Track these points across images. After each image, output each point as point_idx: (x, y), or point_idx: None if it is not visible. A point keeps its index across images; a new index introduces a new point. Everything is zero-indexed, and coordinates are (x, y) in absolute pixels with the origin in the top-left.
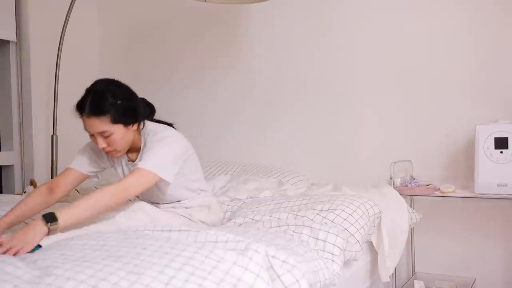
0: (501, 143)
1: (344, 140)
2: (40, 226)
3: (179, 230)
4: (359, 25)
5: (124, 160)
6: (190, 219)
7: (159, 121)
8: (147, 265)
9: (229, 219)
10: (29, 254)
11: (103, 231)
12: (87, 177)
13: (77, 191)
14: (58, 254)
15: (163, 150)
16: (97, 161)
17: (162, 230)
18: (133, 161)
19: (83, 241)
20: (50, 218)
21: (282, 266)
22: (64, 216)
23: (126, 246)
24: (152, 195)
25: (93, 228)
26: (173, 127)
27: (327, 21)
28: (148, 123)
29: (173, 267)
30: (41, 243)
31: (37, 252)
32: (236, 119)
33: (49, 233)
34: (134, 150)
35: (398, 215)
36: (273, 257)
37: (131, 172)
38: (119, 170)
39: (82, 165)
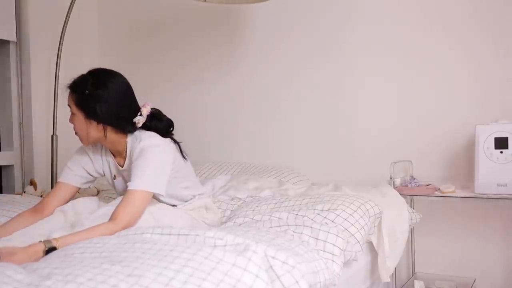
0: (501, 143)
1: (344, 140)
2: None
3: (178, 234)
4: (360, 24)
5: (112, 165)
6: (194, 218)
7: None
8: (146, 267)
9: (229, 218)
10: (29, 263)
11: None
12: (79, 189)
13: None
14: (58, 262)
15: (150, 164)
16: (87, 169)
17: (161, 234)
18: (122, 165)
19: (81, 249)
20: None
21: (282, 267)
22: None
23: (125, 251)
24: None
25: None
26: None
27: (327, 21)
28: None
29: (172, 269)
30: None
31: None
32: (236, 119)
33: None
34: (119, 154)
35: (398, 215)
36: (273, 257)
37: (124, 198)
38: (107, 173)
39: (72, 178)
